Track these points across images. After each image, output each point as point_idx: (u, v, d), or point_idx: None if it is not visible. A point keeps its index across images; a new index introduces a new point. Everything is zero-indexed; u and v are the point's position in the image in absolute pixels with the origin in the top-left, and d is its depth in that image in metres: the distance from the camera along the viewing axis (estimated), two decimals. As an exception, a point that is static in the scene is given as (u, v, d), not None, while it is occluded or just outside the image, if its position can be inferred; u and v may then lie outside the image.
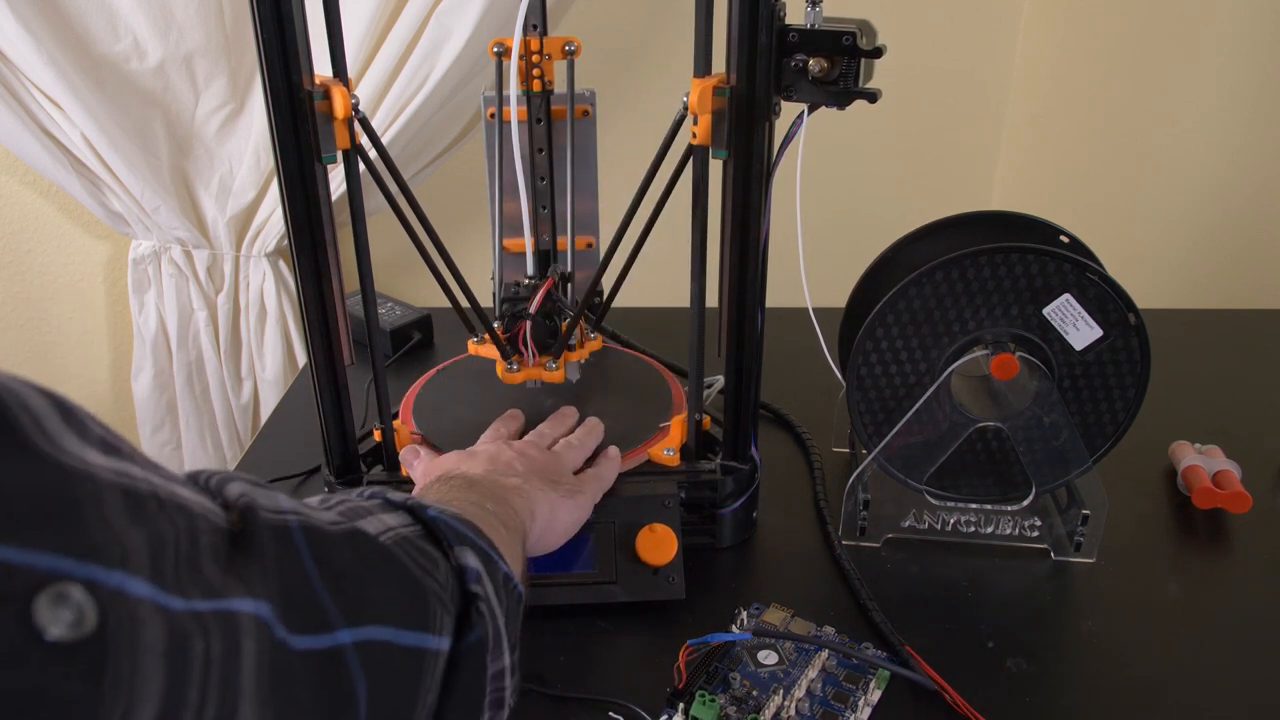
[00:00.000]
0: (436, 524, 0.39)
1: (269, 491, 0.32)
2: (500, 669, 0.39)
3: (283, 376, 1.50)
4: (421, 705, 0.34)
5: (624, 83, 1.52)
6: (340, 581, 0.31)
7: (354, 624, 0.31)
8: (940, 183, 1.70)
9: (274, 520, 0.31)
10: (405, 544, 0.36)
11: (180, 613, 0.25)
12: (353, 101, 0.59)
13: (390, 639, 0.32)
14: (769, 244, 0.62)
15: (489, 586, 0.39)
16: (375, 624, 0.32)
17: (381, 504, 0.39)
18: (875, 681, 0.56)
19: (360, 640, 0.31)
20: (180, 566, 0.25)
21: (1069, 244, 0.68)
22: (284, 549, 0.30)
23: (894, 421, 0.66)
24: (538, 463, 0.60)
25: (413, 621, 0.34)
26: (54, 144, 1.30)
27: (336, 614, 0.31)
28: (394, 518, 0.38)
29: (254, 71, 1.32)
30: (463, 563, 0.38)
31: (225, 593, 0.26)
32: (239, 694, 0.26)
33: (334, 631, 0.30)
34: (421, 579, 0.35)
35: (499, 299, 0.73)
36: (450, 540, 0.39)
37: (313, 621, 0.30)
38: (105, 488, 0.24)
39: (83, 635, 0.22)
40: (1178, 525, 0.72)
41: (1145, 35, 1.33)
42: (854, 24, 0.55)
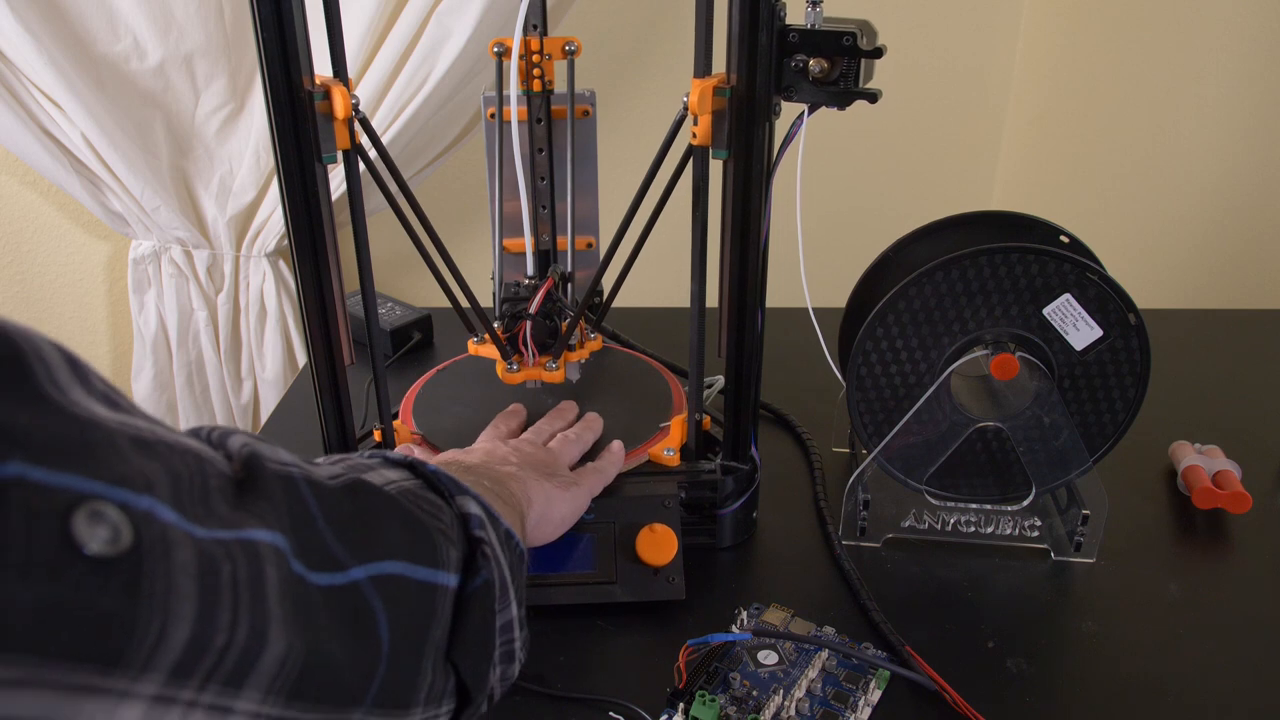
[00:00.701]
0: (437, 476, 0.40)
1: (270, 445, 0.33)
2: (509, 620, 0.40)
3: (283, 376, 1.51)
4: (431, 641, 0.35)
5: (624, 83, 1.52)
6: (345, 526, 0.32)
7: (365, 561, 0.32)
8: (940, 183, 1.70)
9: (278, 469, 0.31)
10: (408, 493, 0.37)
11: (206, 539, 0.25)
12: (353, 101, 0.59)
13: (403, 573, 0.33)
14: (769, 244, 0.62)
15: (492, 534, 0.39)
16: (387, 559, 0.33)
17: (381, 461, 0.40)
18: (875, 681, 0.56)
19: (374, 574, 0.32)
20: (196, 500, 0.26)
21: (1069, 244, 0.68)
22: (291, 494, 0.31)
23: (894, 421, 0.66)
24: (532, 457, 0.60)
25: (423, 558, 0.34)
26: (54, 144, 1.30)
27: (345, 554, 0.31)
28: (395, 472, 0.39)
29: (254, 71, 1.32)
30: (465, 510, 0.39)
31: (241, 525, 0.27)
32: (268, 616, 0.27)
33: (347, 570, 0.31)
34: (426, 520, 0.36)
35: (499, 299, 0.73)
36: (451, 490, 0.39)
37: (325, 561, 0.30)
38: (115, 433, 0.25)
39: (119, 551, 0.23)
40: (1178, 525, 0.72)
41: (1145, 35, 1.33)
42: (854, 24, 0.55)
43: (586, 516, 0.63)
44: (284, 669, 0.27)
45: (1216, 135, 1.22)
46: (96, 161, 1.32)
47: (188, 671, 0.25)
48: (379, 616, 0.31)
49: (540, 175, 0.76)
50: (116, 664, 0.23)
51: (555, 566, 0.61)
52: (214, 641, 0.25)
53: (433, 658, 0.35)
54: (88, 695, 0.22)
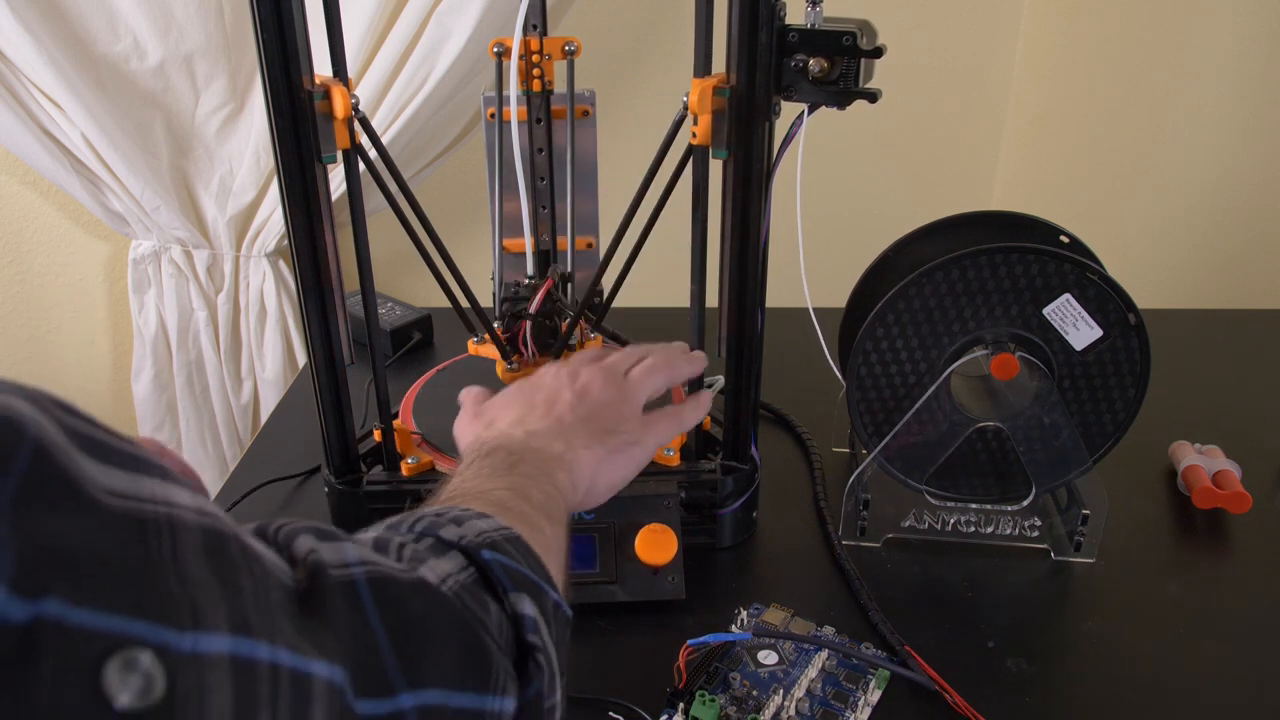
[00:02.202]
0: (491, 568, 0.37)
1: (336, 544, 0.31)
2: (553, 705, 0.38)
3: (283, 376, 1.50)
4: None
5: (624, 83, 1.52)
6: (405, 639, 0.30)
7: (415, 687, 0.30)
8: (941, 183, 1.70)
9: (341, 577, 0.30)
10: (464, 594, 0.35)
11: (261, 663, 0.24)
12: (353, 101, 0.59)
13: (445, 702, 0.31)
14: (769, 244, 0.62)
15: (545, 632, 0.37)
16: (434, 687, 0.31)
17: (433, 545, 0.38)
18: (875, 681, 0.56)
19: (421, 705, 0.30)
20: (261, 615, 0.25)
21: (1069, 244, 0.68)
22: (352, 609, 0.29)
23: (894, 421, 0.66)
24: (596, 407, 0.55)
25: (471, 683, 0.33)
26: (54, 144, 1.30)
27: (398, 675, 0.30)
28: (448, 563, 0.36)
29: (254, 71, 1.32)
30: (519, 611, 0.37)
31: (303, 652, 0.26)
32: None
33: (396, 695, 0.29)
34: (483, 636, 0.34)
35: (499, 299, 0.73)
36: (506, 586, 0.37)
37: (377, 685, 0.29)
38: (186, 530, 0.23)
39: (151, 703, 0.21)
40: (1178, 525, 0.72)
41: (1145, 35, 1.33)
42: (854, 24, 0.55)
43: (586, 516, 0.63)
44: None
45: (1216, 135, 1.22)
46: (96, 161, 1.31)
47: None
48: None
49: (540, 175, 0.75)
50: None
51: (555, 566, 0.61)
52: None
53: None
54: None
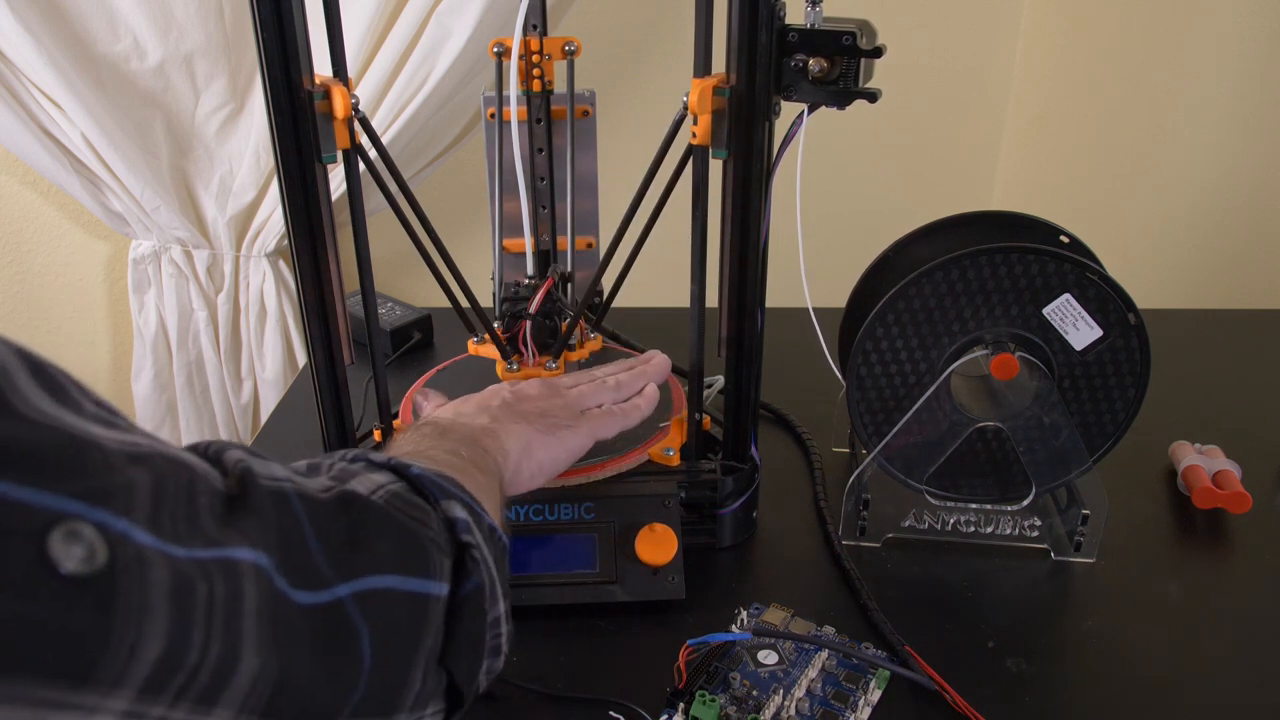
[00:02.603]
0: (421, 480, 0.40)
1: (264, 460, 0.33)
2: (496, 616, 0.40)
3: (283, 376, 1.50)
4: (423, 650, 0.35)
5: (624, 83, 1.52)
6: (336, 542, 0.32)
7: (350, 577, 0.32)
8: (941, 182, 1.70)
9: (271, 485, 0.31)
10: (396, 499, 0.37)
11: (183, 559, 0.26)
12: (353, 101, 0.59)
13: (392, 586, 0.33)
14: (769, 244, 0.62)
15: (478, 535, 0.39)
16: (375, 574, 0.33)
17: (366, 465, 0.40)
18: (875, 681, 0.56)
19: (359, 591, 0.32)
20: (179, 519, 0.26)
21: (1069, 244, 0.68)
22: (282, 510, 0.31)
23: (894, 421, 0.66)
24: (527, 402, 0.59)
25: (414, 568, 0.35)
26: (54, 144, 1.30)
27: (332, 571, 0.31)
28: (380, 476, 0.39)
29: (254, 71, 1.32)
30: (451, 515, 0.39)
31: (225, 542, 0.28)
32: (241, 637, 0.27)
33: (331, 587, 0.31)
34: (418, 529, 0.36)
35: (499, 299, 0.73)
36: (436, 495, 0.39)
37: (310, 579, 0.30)
38: (100, 447, 0.25)
39: (94, 570, 0.23)
40: (1178, 525, 0.72)
41: (1145, 35, 1.33)
42: (854, 24, 0.55)
43: (586, 516, 0.63)
44: (256, 688, 0.27)
45: (1216, 135, 1.22)
46: (96, 161, 1.31)
47: (158, 689, 0.25)
48: (361, 634, 0.32)
49: (540, 175, 0.75)
50: (87, 680, 0.23)
51: (555, 566, 0.61)
52: (186, 659, 0.25)
53: (424, 665, 0.35)
54: (57, 710, 0.23)
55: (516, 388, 0.61)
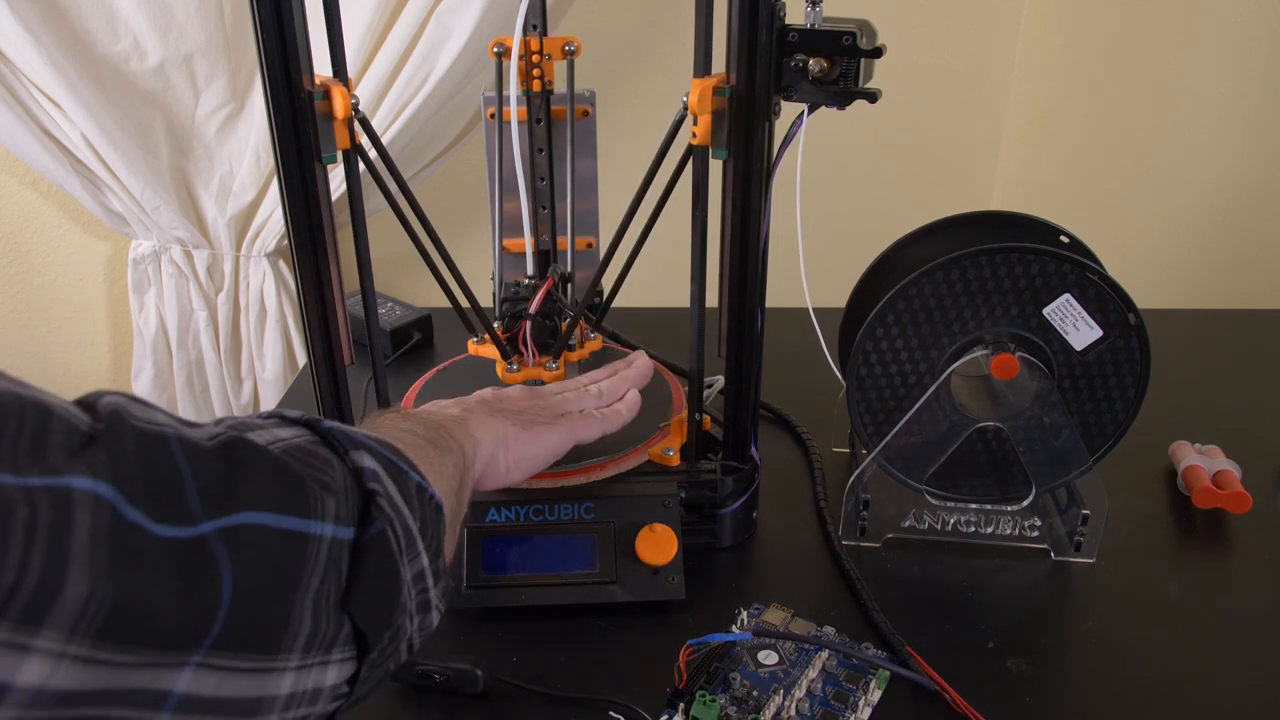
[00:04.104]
0: (331, 433, 0.40)
1: (147, 407, 0.33)
2: (420, 570, 0.40)
3: (283, 376, 1.51)
4: (306, 589, 0.35)
5: (624, 83, 1.52)
6: (211, 480, 0.32)
7: (218, 514, 0.32)
8: (940, 183, 1.70)
9: (147, 427, 0.32)
10: (294, 450, 0.37)
11: (9, 485, 0.27)
12: (353, 101, 0.59)
13: (264, 523, 0.33)
14: (769, 244, 0.62)
15: (389, 485, 0.40)
16: (246, 511, 0.33)
17: (277, 421, 0.40)
18: (875, 681, 0.56)
19: (225, 526, 0.32)
20: (20, 453, 0.27)
21: (1069, 244, 0.68)
22: (152, 448, 0.31)
23: (894, 421, 0.66)
24: (507, 401, 0.59)
25: (287, 507, 0.35)
26: (54, 144, 1.30)
27: (201, 509, 0.32)
28: (287, 430, 0.39)
29: (254, 71, 1.32)
30: (359, 464, 0.39)
31: (64, 472, 0.28)
32: (67, 559, 0.27)
33: (197, 524, 0.31)
34: (301, 471, 0.36)
35: (499, 299, 0.73)
36: (345, 445, 0.40)
37: (176, 515, 0.31)
38: None
39: None
40: (1178, 525, 0.72)
41: (1145, 35, 1.33)
42: (854, 24, 0.55)
43: (586, 517, 0.63)
44: (88, 610, 0.28)
45: (1216, 135, 1.22)
46: (96, 161, 1.32)
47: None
48: (221, 566, 0.32)
49: (540, 175, 0.76)
50: None
51: (555, 566, 0.61)
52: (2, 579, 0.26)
53: (312, 606, 0.35)
54: None
55: (499, 391, 0.62)
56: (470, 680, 0.55)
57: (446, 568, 0.43)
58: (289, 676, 0.34)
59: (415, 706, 0.55)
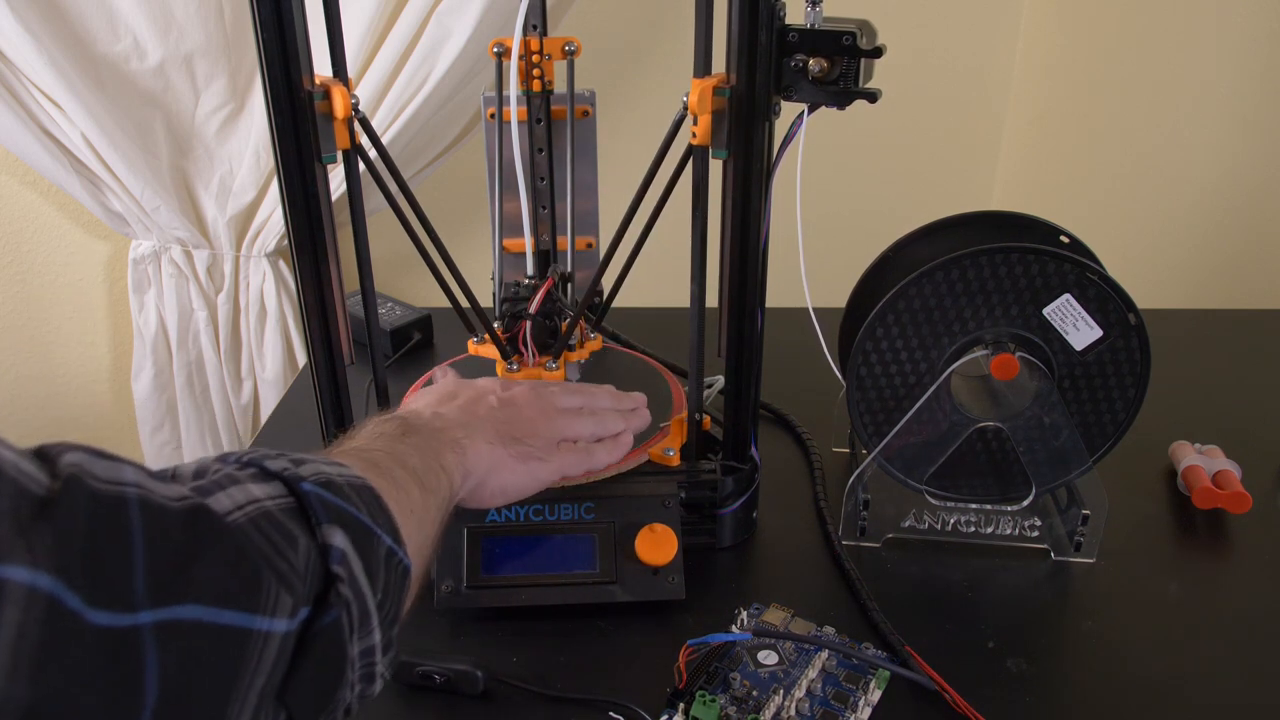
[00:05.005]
0: (308, 499, 0.38)
1: (115, 464, 0.31)
2: (370, 646, 0.38)
3: (283, 376, 1.50)
4: (244, 684, 0.33)
5: (624, 83, 1.52)
6: (163, 560, 0.30)
7: (161, 604, 0.30)
8: (940, 182, 1.70)
9: (107, 491, 0.30)
10: (261, 520, 0.35)
11: None
12: (353, 101, 0.59)
13: (201, 618, 0.31)
14: (769, 244, 0.62)
15: (355, 565, 0.37)
16: (186, 603, 0.31)
17: (255, 474, 0.38)
18: (875, 681, 0.56)
19: (164, 620, 0.30)
20: None
21: (1069, 244, 0.68)
22: (108, 520, 0.29)
23: (894, 421, 0.66)
24: (516, 415, 0.58)
25: (235, 602, 0.32)
26: (54, 144, 1.30)
27: (145, 593, 0.29)
28: (264, 489, 0.37)
29: (254, 71, 1.32)
30: (328, 542, 0.37)
31: (3, 559, 0.26)
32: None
33: (136, 612, 0.29)
34: (259, 559, 0.34)
35: (499, 299, 0.73)
36: (320, 517, 0.37)
37: (119, 599, 0.29)
38: None
39: None
40: (1178, 525, 0.72)
41: (1145, 35, 1.33)
42: (854, 24, 0.55)
43: (586, 517, 0.63)
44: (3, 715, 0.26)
45: (1217, 135, 1.22)
46: (96, 161, 1.31)
47: None
48: (148, 665, 0.29)
49: (540, 175, 0.76)
50: None
51: (555, 566, 0.61)
52: None
53: (253, 703, 0.33)
54: None
55: (509, 394, 0.61)
56: (470, 680, 0.55)
57: (398, 636, 0.41)
58: None
59: (415, 707, 0.55)
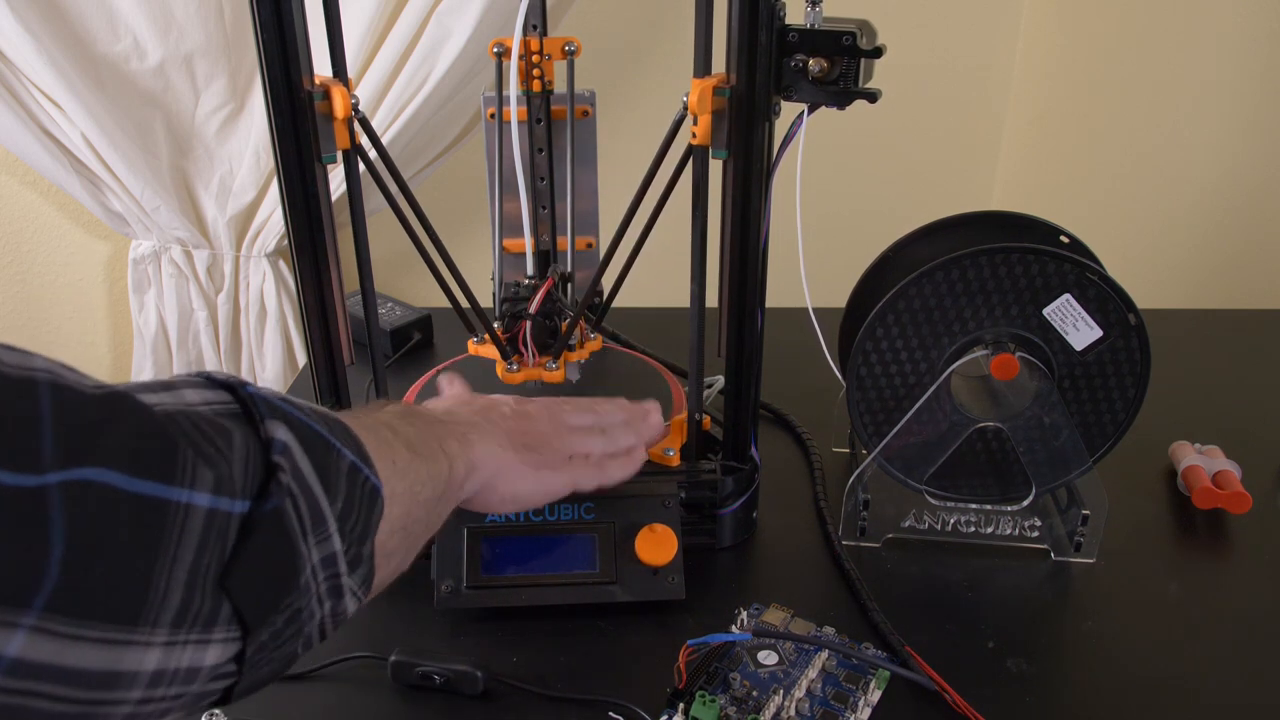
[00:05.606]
0: (253, 400, 0.37)
1: (25, 354, 0.31)
2: (330, 554, 0.38)
3: (283, 376, 1.51)
4: (167, 556, 0.32)
5: (624, 83, 1.52)
6: (72, 429, 0.30)
7: (66, 466, 0.30)
8: (940, 183, 1.70)
9: (13, 373, 0.30)
10: (189, 415, 0.35)
11: None
12: (353, 101, 0.59)
13: (110, 482, 0.31)
14: (769, 244, 0.62)
15: (300, 459, 0.37)
16: (94, 466, 0.31)
17: (199, 382, 0.38)
18: (875, 681, 0.56)
19: (69, 480, 0.30)
20: None
21: (1069, 244, 0.68)
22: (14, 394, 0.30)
23: (894, 421, 0.66)
24: (530, 426, 0.58)
25: (147, 470, 0.32)
26: (54, 144, 1.30)
27: (53, 458, 0.30)
28: (200, 394, 0.37)
29: (254, 71, 1.32)
30: (270, 435, 0.37)
31: None
32: None
33: (43, 474, 0.29)
34: (175, 434, 0.34)
35: (499, 299, 0.73)
36: (262, 413, 0.37)
37: (26, 463, 0.29)
38: None
39: None
40: (1178, 525, 0.72)
41: (1145, 35, 1.33)
42: (854, 24, 0.55)
43: (586, 517, 0.63)
44: None
45: (1217, 135, 1.22)
46: (96, 161, 1.32)
47: None
48: (54, 521, 0.29)
49: (540, 175, 0.76)
50: None
51: (555, 566, 0.61)
52: None
53: (186, 579, 0.33)
54: None
55: (522, 408, 0.60)
56: (470, 681, 0.55)
57: (371, 557, 0.41)
58: (154, 652, 0.32)
59: (415, 706, 0.55)
